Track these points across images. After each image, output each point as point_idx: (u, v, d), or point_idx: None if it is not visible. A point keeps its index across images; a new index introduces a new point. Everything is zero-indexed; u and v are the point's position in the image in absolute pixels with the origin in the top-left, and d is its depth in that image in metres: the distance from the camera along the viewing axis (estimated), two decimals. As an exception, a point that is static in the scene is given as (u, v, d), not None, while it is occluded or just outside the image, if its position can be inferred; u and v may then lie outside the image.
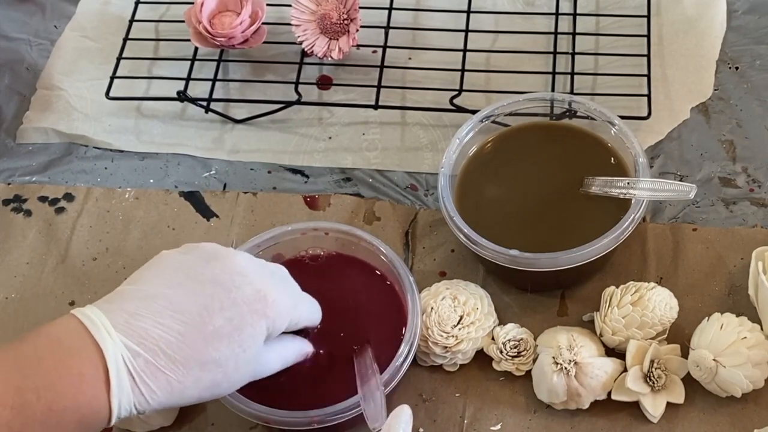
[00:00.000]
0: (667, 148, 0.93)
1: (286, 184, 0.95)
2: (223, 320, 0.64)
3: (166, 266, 0.67)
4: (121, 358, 0.61)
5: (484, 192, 0.85)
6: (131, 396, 0.61)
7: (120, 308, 0.63)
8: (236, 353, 0.64)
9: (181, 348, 0.62)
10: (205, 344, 0.63)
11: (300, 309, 0.71)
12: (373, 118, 0.98)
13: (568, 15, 1.01)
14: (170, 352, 0.62)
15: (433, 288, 0.82)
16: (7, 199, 0.95)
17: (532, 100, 0.87)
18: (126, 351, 0.61)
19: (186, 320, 0.63)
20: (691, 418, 0.78)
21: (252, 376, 0.68)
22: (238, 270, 0.66)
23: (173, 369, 0.62)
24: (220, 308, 0.64)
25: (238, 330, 0.64)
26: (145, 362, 0.61)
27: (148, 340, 0.62)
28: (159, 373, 0.61)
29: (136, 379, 0.61)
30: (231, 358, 0.64)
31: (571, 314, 0.84)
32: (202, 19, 0.97)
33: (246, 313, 0.65)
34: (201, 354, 0.63)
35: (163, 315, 0.63)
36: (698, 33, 1.00)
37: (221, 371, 0.64)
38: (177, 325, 0.63)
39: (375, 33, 1.01)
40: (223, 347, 0.64)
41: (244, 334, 0.64)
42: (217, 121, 0.99)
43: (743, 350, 0.75)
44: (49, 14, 1.10)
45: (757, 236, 0.86)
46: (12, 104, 1.03)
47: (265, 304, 0.66)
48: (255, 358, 0.66)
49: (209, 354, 0.63)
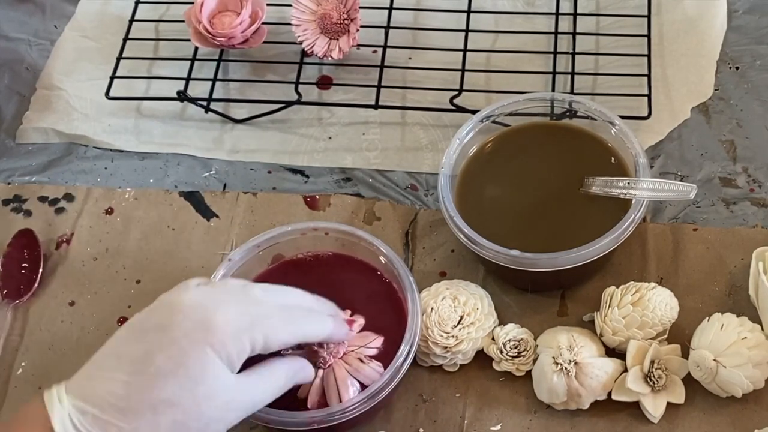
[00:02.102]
0: (668, 148, 0.93)
1: (286, 184, 0.94)
2: (164, 359, 0.63)
3: (124, 327, 0.66)
4: (68, 418, 0.61)
5: (484, 192, 0.85)
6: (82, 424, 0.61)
7: (79, 375, 0.64)
8: (189, 389, 0.62)
9: (128, 396, 0.62)
10: (150, 387, 0.62)
11: (265, 328, 0.66)
12: (373, 118, 0.97)
13: (569, 15, 1.01)
14: (117, 403, 0.62)
15: (433, 288, 0.82)
16: (7, 199, 0.95)
17: (533, 100, 0.87)
18: (74, 410, 0.62)
19: (130, 369, 0.63)
20: (692, 418, 0.78)
21: (235, 409, 0.65)
22: (178, 308, 0.65)
23: (122, 418, 0.61)
24: (159, 348, 0.63)
25: (182, 365, 0.63)
26: (93, 418, 0.61)
27: (95, 396, 0.62)
28: (108, 425, 0.61)
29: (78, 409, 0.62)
30: (184, 396, 0.62)
31: (571, 314, 0.84)
32: (202, 18, 0.97)
33: (186, 347, 0.63)
34: (148, 397, 0.62)
35: (110, 370, 0.63)
36: (699, 33, 1.00)
37: (179, 411, 0.62)
38: (122, 375, 0.62)
39: (375, 33, 1.01)
40: (170, 386, 0.62)
41: (191, 368, 0.63)
42: (217, 121, 0.99)
43: (743, 350, 0.75)
44: (49, 14, 1.10)
45: (758, 236, 0.86)
46: (12, 104, 1.03)
47: (206, 332, 0.64)
48: (222, 390, 0.64)
49: (157, 395, 0.62)
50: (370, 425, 0.79)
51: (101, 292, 0.89)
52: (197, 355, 0.63)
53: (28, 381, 0.84)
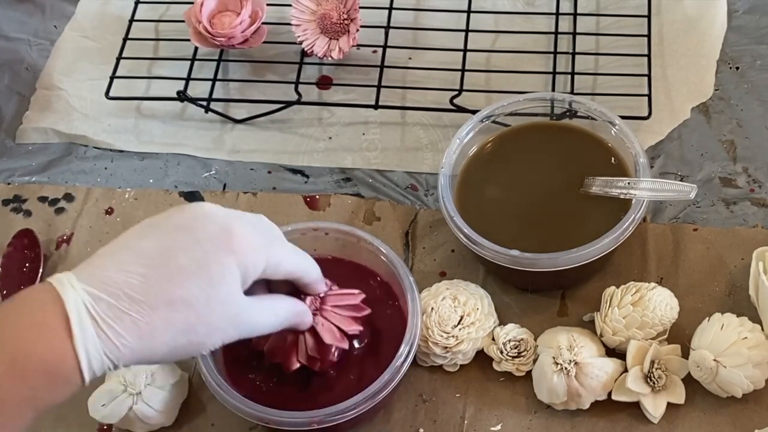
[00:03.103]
0: (668, 148, 0.93)
1: (286, 184, 0.94)
2: (187, 259, 0.62)
3: (137, 225, 0.66)
4: (83, 304, 0.60)
5: (484, 192, 0.85)
6: (97, 342, 0.59)
7: (87, 264, 0.63)
8: (206, 291, 0.62)
9: (145, 289, 0.61)
10: (169, 283, 0.62)
11: (277, 249, 0.68)
12: (373, 118, 0.97)
13: (569, 15, 1.01)
14: (133, 293, 0.61)
15: (434, 288, 0.82)
16: (7, 199, 0.95)
17: (533, 100, 0.87)
18: (87, 297, 0.60)
19: (149, 263, 0.62)
20: (692, 418, 0.78)
21: (236, 324, 0.65)
22: (201, 212, 0.65)
23: (138, 310, 0.60)
24: (182, 247, 0.63)
25: (204, 267, 0.62)
26: (108, 306, 0.60)
27: (110, 285, 0.61)
28: (123, 315, 0.60)
29: (99, 324, 0.60)
30: (200, 297, 0.62)
31: (571, 314, 0.84)
32: (202, 18, 0.97)
33: (210, 250, 0.63)
34: (166, 292, 0.61)
35: (126, 262, 0.62)
36: (699, 33, 1.00)
37: (192, 312, 0.62)
38: (140, 268, 0.62)
39: (375, 33, 1.01)
40: (190, 285, 0.62)
41: (212, 271, 0.63)
42: (217, 121, 0.99)
43: (744, 350, 0.75)
44: (49, 14, 1.10)
45: (758, 236, 0.86)
46: (11, 104, 1.03)
47: (230, 239, 0.64)
48: (232, 300, 0.64)
49: (175, 292, 0.61)
50: (370, 425, 0.79)
51: (101, 292, 0.89)
52: (219, 260, 0.63)
53: (28, 381, 0.84)
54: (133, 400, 0.78)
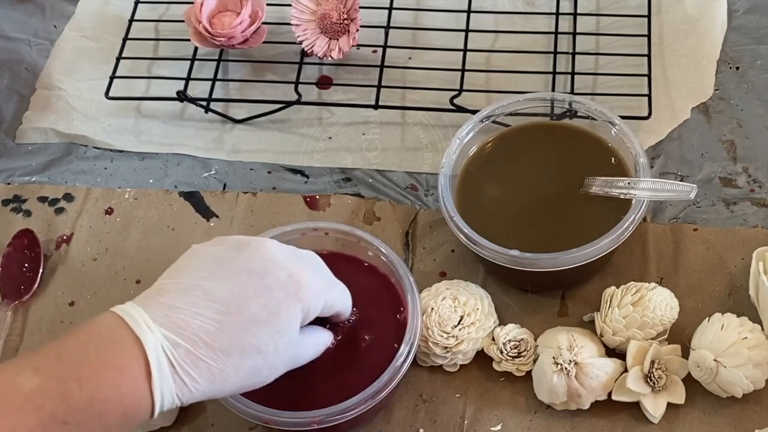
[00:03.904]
0: (668, 148, 0.93)
1: (286, 184, 0.94)
2: (259, 306, 0.64)
3: (200, 259, 0.67)
4: (161, 349, 0.61)
5: (484, 192, 0.85)
6: (173, 386, 0.61)
7: (157, 302, 0.63)
8: (275, 339, 0.65)
9: (220, 336, 0.63)
10: (243, 331, 0.63)
11: (334, 292, 0.71)
12: (373, 118, 0.97)
13: (569, 15, 1.01)
14: (209, 341, 0.62)
15: (434, 288, 0.82)
16: (7, 199, 0.95)
17: (533, 100, 0.87)
18: (166, 342, 0.61)
19: (223, 309, 0.63)
20: (692, 418, 0.78)
21: (291, 363, 0.68)
22: (269, 256, 0.67)
23: (213, 357, 0.62)
24: (255, 295, 0.65)
25: (275, 315, 0.65)
26: (186, 352, 0.62)
27: (187, 330, 0.62)
28: (200, 361, 0.62)
29: (177, 369, 0.61)
30: (270, 344, 0.65)
31: (571, 314, 0.84)
32: (201, 18, 0.97)
33: (281, 299, 0.65)
34: (240, 341, 0.63)
35: (199, 305, 0.63)
36: (699, 33, 1.00)
37: (262, 358, 0.64)
38: (214, 314, 0.63)
39: (375, 33, 1.01)
40: (261, 333, 0.64)
41: (281, 320, 0.65)
42: (216, 121, 0.99)
43: (744, 351, 0.75)
44: (49, 14, 1.10)
45: (758, 236, 0.86)
46: (11, 104, 1.03)
47: (298, 288, 0.66)
48: (293, 343, 0.67)
49: (248, 341, 0.64)
50: (370, 425, 0.79)
51: (101, 292, 0.89)
52: (288, 309, 0.65)
53: (28, 381, 0.83)
54: (133, 400, 0.78)
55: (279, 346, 0.65)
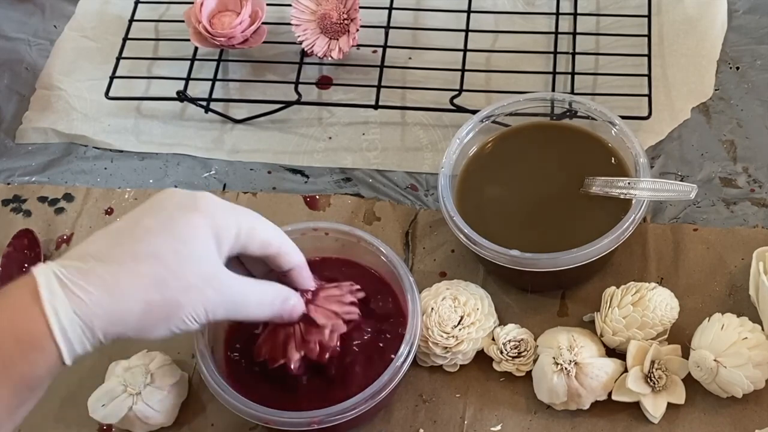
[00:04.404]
0: (668, 148, 0.93)
1: (286, 184, 0.94)
2: (152, 219, 0.64)
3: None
4: (51, 273, 0.61)
5: (484, 192, 0.85)
6: (66, 301, 0.60)
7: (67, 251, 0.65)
8: (174, 246, 0.63)
9: (110, 250, 0.62)
10: (134, 240, 0.63)
11: (250, 218, 0.68)
12: (373, 118, 0.97)
13: (569, 15, 1.01)
14: (99, 255, 0.62)
15: (434, 288, 0.82)
16: (7, 199, 0.95)
17: (533, 100, 0.87)
18: (56, 266, 0.61)
19: (115, 231, 0.64)
20: (692, 418, 0.78)
21: (218, 289, 0.65)
22: (171, 191, 0.67)
23: (104, 267, 0.61)
24: (149, 214, 0.64)
25: (169, 224, 0.63)
26: (76, 269, 0.61)
27: (78, 253, 0.62)
28: (90, 273, 0.61)
29: (68, 284, 0.60)
30: (168, 250, 0.62)
31: (571, 314, 0.84)
32: (201, 18, 0.97)
33: (175, 211, 0.64)
34: (132, 249, 0.62)
35: (96, 236, 0.64)
36: (699, 33, 1.00)
37: (160, 264, 0.62)
38: (108, 237, 0.63)
39: (375, 33, 1.01)
40: (156, 240, 0.63)
41: (179, 227, 0.63)
42: (216, 121, 0.99)
43: (744, 351, 0.75)
44: (49, 14, 1.10)
45: (758, 236, 0.86)
46: (11, 104, 1.03)
47: (195, 200, 0.65)
48: (207, 259, 0.64)
49: (141, 248, 0.62)
50: (370, 425, 0.79)
51: (101, 292, 0.89)
52: (186, 218, 0.64)
53: (28, 381, 0.83)
54: (133, 400, 0.78)
55: (180, 253, 0.63)
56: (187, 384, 0.82)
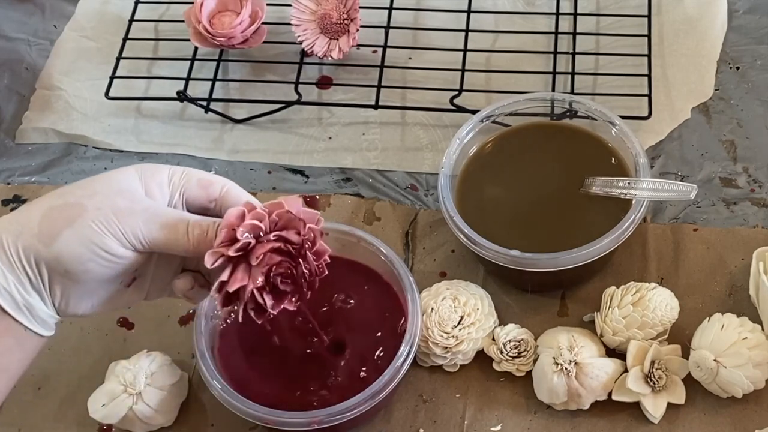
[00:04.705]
0: (668, 148, 0.93)
1: (286, 184, 0.94)
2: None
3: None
4: None
5: (484, 192, 0.85)
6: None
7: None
8: (96, 180, 0.63)
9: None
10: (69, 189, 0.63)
11: (182, 167, 0.68)
12: (373, 118, 0.97)
13: (569, 15, 1.01)
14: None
15: (434, 288, 0.82)
16: (7, 199, 0.95)
17: (533, 100, 0.87)
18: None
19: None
20: (692, 418, 0.77)
21: (129, 199, 0.63)
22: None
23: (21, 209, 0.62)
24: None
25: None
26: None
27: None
28: (7, 220, 0.62)
29: None
30: (89, 182, 0.63)
31: (571, 314, 0.84)
32: (201, 18, 0.97)
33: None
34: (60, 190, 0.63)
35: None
36: (699, 33, 1.00)
37: (76, 187, 0.63)
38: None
39: (375, 33, 1.01)
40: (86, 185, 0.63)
41: (109, 173, 0.64)
42: (216, 121, 0.99)
43: (744, 351, 0.75)
44: (49, 14, 1.09)
45: (758, 236, 0.86)
46: (11, 104, 1.03)
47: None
48: (128, 189, 0.63)
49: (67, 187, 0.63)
50: (370, 425, 0.79)
51: (101, 292, 0.89)
52: (118, 170, 0.65)
53: (28, 382, 0.83)
54: (133, 401, 0.78)
55: (100, 180, 0.63)
56: (187, 384, 0.82)
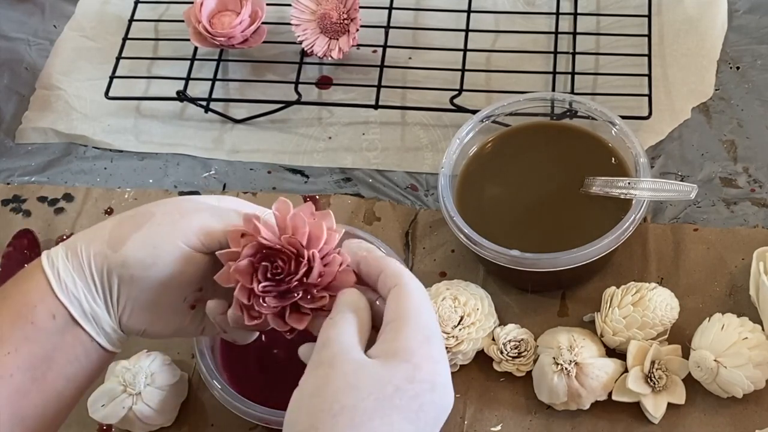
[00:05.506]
0: (668, 148, 0.92)
1: (286, 184, 0.94)
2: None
3: None
4: (57, 249, 0.63)
5: (484, 192, 0.85)
6: (66, 262, 0.62)
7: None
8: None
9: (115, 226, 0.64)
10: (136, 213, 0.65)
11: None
12: (373, 118, 0.97)
13: (569, 15, 1.01)
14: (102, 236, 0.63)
15: (434, 288, 0.82)
16: (7, 199, 0.95)
17: (533, 100, 0.87)
18: (62, 246, 0.63)
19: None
20: (692, 418, 0.77)
21: (192, 201, 0.67)
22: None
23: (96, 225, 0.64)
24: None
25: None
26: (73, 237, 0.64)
27: (82, 236, 0.64)
28: (84, 231, 0.64)
29: (68, 249, 0.62)
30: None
31: (571, 315, 0.83)
32: (201, 18, 0.97)
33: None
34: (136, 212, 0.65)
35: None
36: (699, 33, 0.99)
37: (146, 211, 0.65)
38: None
39: (375, 33, 1.01)
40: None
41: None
42: (216, 121, 0.99)
43: (744, 351, 0.75)
44: (49, 14, 1.09)
45: (758, 236, 0.86)
46: (11, 104, 1.03)
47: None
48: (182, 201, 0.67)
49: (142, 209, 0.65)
50: (370, 426, 0.79)
51: (101, 292, 0.89)
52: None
53: (28, 381, 0.83)
54: (133, 401, 0.78)
55: (168, 199, 0.67)
56: (186, 384, 0.82)
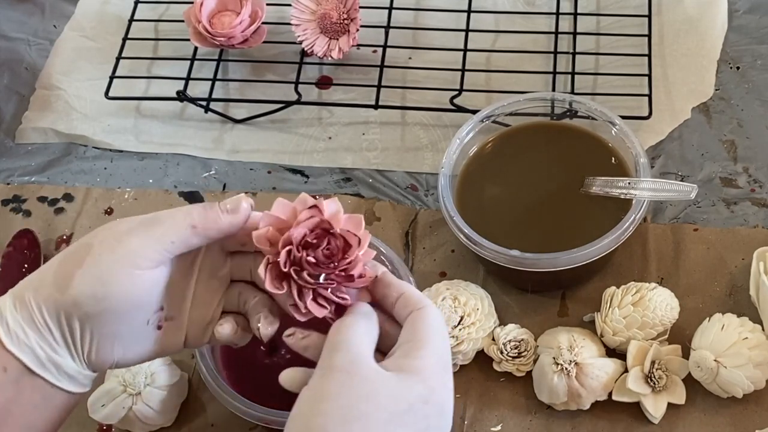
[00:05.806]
0: (668, 148, 0.92)
1: (286, 184, 0.94)
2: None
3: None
4: (5, 299, 0.62)
5: (484, 192, 0.85)
6: (15, 313, 0.61)
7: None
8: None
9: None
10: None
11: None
12: (373, 118, 0.97)
13: (569, 15, 1.01)
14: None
15: (434, 288, 0.82)
16: (7, 199, 0.95)
17: (533, 100, 0.87)
18: (9, 296, 0.62)
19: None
20: (692, 418, 0.77)
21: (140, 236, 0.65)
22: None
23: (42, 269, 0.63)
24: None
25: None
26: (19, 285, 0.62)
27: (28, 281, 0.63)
28: (28, 278, 0.62)
29: (16, 300, 0.61)
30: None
31: (571, 315, 0.83)
32: (201, 18, 0.97)
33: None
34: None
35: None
36: (699, 33, 0.99)
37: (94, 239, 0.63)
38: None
39: (375, 33, 1.01)
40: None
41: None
42: (216, 121, 0.99)
43: (744, 351, 0.75)
44: (48, 14, 1.09)
45: (758, 236, 0.86)
46: (11, 104, 1.03)
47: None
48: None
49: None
50: (370, 426, 0.79)
51: (101, 292, 0.89)
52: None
53: (28, 381, 0.83)
54: (133, 401, 0.78)
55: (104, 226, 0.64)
56: (186, 384, 0.82)
